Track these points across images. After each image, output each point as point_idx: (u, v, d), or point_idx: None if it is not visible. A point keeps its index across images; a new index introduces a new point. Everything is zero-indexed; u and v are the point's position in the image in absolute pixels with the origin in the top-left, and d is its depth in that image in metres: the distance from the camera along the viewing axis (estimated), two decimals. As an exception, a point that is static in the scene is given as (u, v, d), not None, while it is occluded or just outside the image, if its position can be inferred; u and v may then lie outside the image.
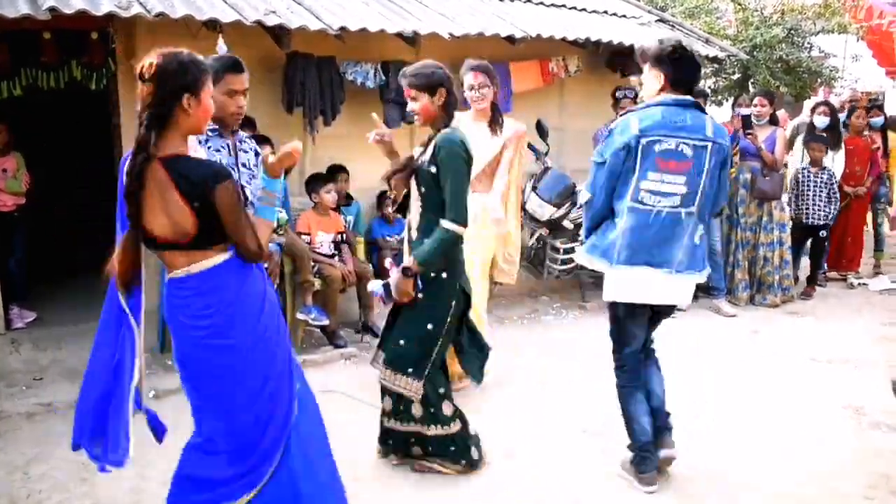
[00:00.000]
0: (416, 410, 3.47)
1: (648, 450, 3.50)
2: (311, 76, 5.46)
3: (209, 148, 3.12)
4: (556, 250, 6.29)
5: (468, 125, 4.52)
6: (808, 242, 7.28)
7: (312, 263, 5.29)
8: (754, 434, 4.12)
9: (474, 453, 3.60)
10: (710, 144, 3.26)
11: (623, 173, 3.28)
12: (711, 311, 6.50)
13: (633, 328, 3.52)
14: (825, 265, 7.47)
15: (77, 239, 7.61)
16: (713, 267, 6.53)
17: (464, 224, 3.30)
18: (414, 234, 3.48)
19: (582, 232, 3.61)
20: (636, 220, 3.29)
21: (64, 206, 8.04)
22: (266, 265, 3.47)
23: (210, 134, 3.23)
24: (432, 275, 3.35)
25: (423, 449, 3.59)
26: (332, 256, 5.52)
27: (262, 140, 5.15)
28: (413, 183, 3.44)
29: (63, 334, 5.35)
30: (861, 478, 3.64)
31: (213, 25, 4.72)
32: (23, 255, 5.80)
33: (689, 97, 3.33)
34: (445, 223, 3.29)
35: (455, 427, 3.51)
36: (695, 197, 3.28)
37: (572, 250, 6.36)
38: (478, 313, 4.45)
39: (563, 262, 6.33)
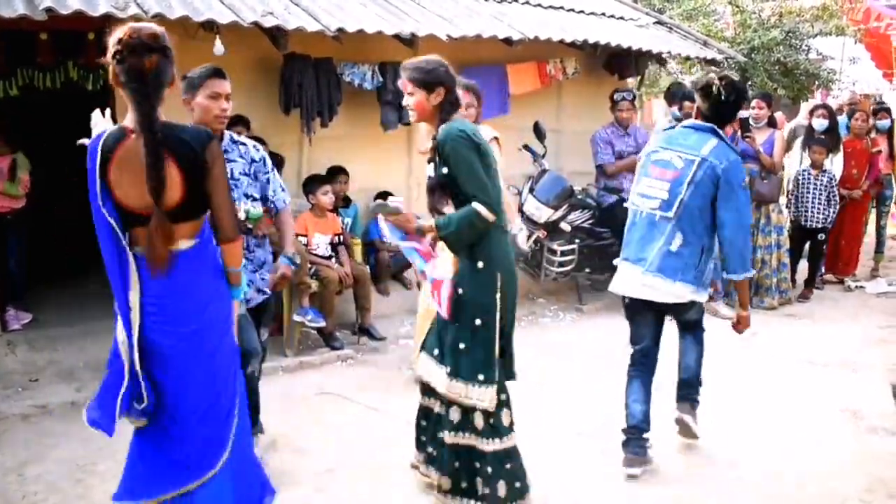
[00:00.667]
0: (479, 421, 3.15)
1: (633, 434, 3.68)
2: (308, 77, 5.46)
3: None
4: (553, 252, 6.29)
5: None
6: (807, 245, 7.27)
7: (309, 265, 5.28)
8: (752, 436, 4.11)
9: (529, 476, 3.25)
10: (698, 159, 3.48)
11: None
12: (709, 313, 6.44)
13: (635, 325, 3.79)
14: (823, 268, 7.47)
15: (74, 240, 7.60)
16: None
17: (493, 210, 3.01)
18: None
19: None
20: (630, 219, 3.73)
21: (62, 207, 8.03)
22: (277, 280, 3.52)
23: None
24: (477, 265, 3.07)
25: (474, 473, 3.19)
26: (329, 258, 5.51)
27: (258, 142, 5.15)
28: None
29: (59, 336, 5.34)
30: (858, 481, 3.63)
31: (210, 26, 4.72)
32: (20, 257, 5.77)
33: (706, 123, 3.63)
34: (476, 204, 2.99)
35: (512, 440, 3.21)
36: (673, 204, 3.50)
37: (570, 252, 6.37)
38: None
39: (560, 264, 6.33)
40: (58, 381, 4.73)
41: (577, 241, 6.41)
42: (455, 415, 3.18)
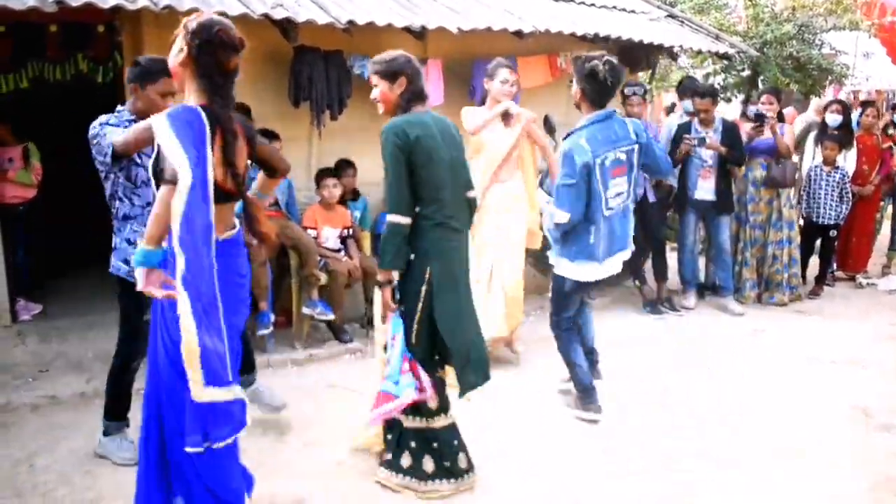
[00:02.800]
0: None
1: (593, 388, 4.24)
2: (318, 70, 5.44)
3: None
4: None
5: (483, 118, 4.90)
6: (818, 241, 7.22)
7: (318, 258, 5.29)
8: (760, 433, 4.09)
9: (461, 460, 3.43)
10: (635, 147, 3.97)
11: (592, 190, 3.83)
12: (718, 309, 6.46)
13: (580, 298, 4.25)
14: (834, 265, 7.42)
15: (82, 232, 7.62)
16: (721, 266, 6.52)
17: (400, 213, 3.17)
18: None
19: (553, 244, 4.12)
20: (610, 223, 3.97)
21: (71, 199, 8.06)
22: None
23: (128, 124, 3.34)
24: (409, 258, 3.24)
25: (402, 447, 3.44)
26: (338, 251, 5.51)
27: (270, 135, 5.15)
28: None
29: (68, 327, 5.37)
30: (867, 479, 3.61)
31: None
32: (28, 249, 5.78)
33: (609, 110, 3.94)
34: (388, 216, 3.21)
35: (439, 422, 3.39)
36: (632, 189, 4.06)
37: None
38: (512, 296, 4.96)
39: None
40: (67, 372, 4.76)
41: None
42: None
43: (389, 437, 3.49)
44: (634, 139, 3.96)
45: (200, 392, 2.42)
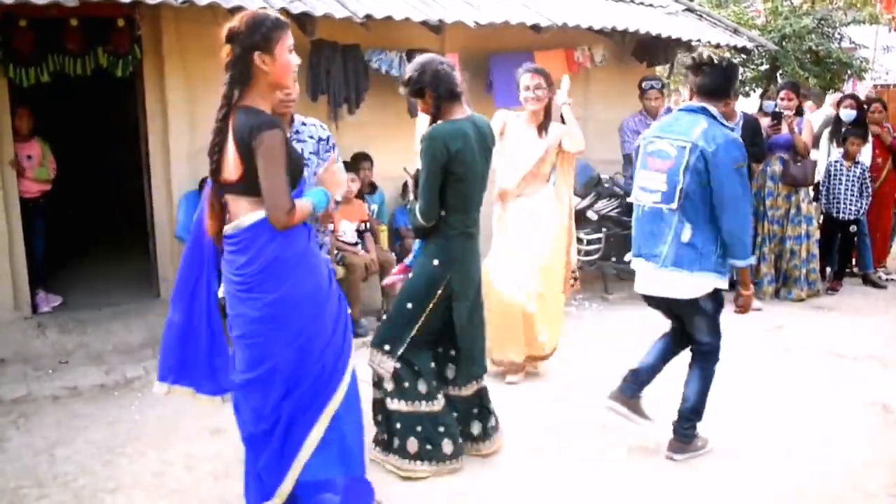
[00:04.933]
0: (388, 384, 3.51)
1: (630, 376, 3.84)
2: (335, 64, 5.47)
3: None
4: (580, 241, 6.25)
5: (520, 126, 4.63)
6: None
7: (335, 251, 5.30)
8: (777, 430, 4.07)
9: (446, 446, 3.52)
10: (689, 145, 3.37)
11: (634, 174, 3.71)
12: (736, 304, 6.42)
13: (663, 315, 3.82)
14: (853, 260, 7.36)
15: (101, 224, 7.69)
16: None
17: (424, 219, 3.40)
18: None
19: None
20: (636, 215, 3.67)
21: (89, 191, 8.14)
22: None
23: None
24: (432, 262, 3.45)
25: (385, 427, 3.57)
26: (355, 245, 5.52)
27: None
28: None
29: (88, 319, 5.40)
30: (886, 476, 3.58)
31: (238, 12, 4.72)
32: (44, 241, 5.81)
33: (698, 104, 3.49)
34: (419, 215, 3.42)
35: (425, 407, 3.50)
36: (674, 195, 3.41)
37: (596, 241, 6.34)
38: (551, 313, 4.73)
39: (587, 252, 6.30)
40: (87, 364, 4.80)
41: (603, 229, 6.38)
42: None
43: (379, 418, 3.61)
44: (693, 140, 3.36)
45: None
